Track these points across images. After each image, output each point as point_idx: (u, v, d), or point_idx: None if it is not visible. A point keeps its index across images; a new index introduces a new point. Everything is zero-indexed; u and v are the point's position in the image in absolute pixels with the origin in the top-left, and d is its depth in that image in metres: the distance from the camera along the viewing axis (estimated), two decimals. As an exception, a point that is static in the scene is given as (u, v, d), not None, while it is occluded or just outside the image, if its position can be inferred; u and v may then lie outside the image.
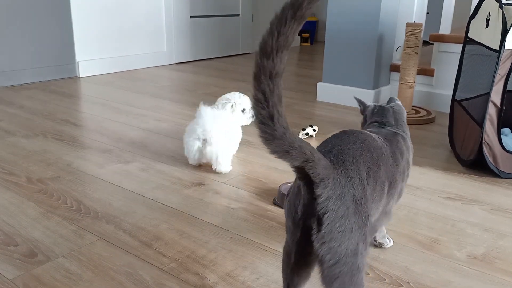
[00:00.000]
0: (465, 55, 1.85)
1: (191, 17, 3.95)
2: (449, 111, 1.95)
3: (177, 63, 3.93)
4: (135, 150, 1.81)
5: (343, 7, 2.50)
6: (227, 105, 1.71)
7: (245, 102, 1.75)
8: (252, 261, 1.09)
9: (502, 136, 1.71)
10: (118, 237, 1.19)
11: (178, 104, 2.56)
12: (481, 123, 1.59)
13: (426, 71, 2.52)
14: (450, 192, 1.50)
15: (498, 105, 1.57)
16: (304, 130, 1.99)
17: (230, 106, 1.72)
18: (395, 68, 2.61)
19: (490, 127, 1.58)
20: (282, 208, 1.36)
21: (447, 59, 2.45)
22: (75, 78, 3.20)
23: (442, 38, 2.43)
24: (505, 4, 1.58)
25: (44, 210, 1.32)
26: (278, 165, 1.69)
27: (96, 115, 2.30)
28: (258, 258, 1.11)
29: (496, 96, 1.56)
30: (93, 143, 1.88)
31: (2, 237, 1.17)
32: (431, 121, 2.29)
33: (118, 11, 3.42)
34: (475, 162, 1.65)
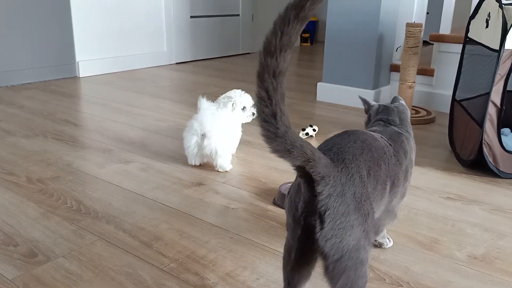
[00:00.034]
0: (465, 55, 1.85)
1: (191, 17, 3.95)
2: (449, 111, 1.95)
3: (177, 63, 3.93)
4: (135, 150, 1.81)
5: (343, 7, 2.50)
6: (228, 103, 1.71)
7: (245, 100, 1.75)
8: (252, 261, 1.09)
9: (502, 136, 1.71)
10: (118, 237, 1.19)
11: (178, 104, 2.56)
12: (481, 123, 1.59)
13: (426, 71, 2.52)
14: (450, 192, 1.50)
15: (498, 105, 1.57)
16: (304, 130, 1.99)
17: (231, 105, 1.72)
18: (395, 68, 2.61)
19: (490, 127, 1.58)
20: (282, 208, 1.36)
21: (447, 59, 2.45)
22: (75, 78, 3.20)
23: (442, 38, 2.43)
24: (505, 4, 1.58)
25: (44, 210, 1.32)
26: (278, 165, 1.69)
27: (96, 115, 2.30)
28: (258, 258, 1.11)
29: (496, 96, 1.56)
30: (93, 143, 1.89)
31: (2, 237, 1.17)
32: (431, 121, 2.29)
33: (118, 11, 3.42)
34: (475, 162, 1.65)
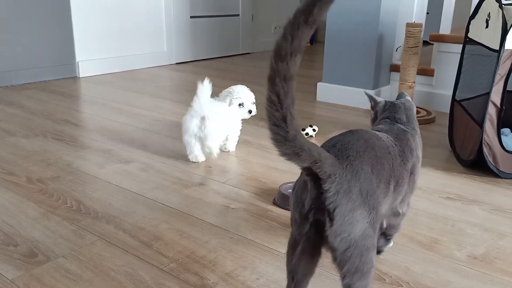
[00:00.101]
0: (465, 55, 1.85)
1: (191, 17, 3.95)
2: (449, 111, 1.95)
3: (177, 63, 3.93)
4: (135, 150, 1.81)
5: (343, 7, 2.50)
6: (227, 98, 1.77)
7: (244, 96, 1.78)
8: (252, 261, 1.09)
9: (502, 136, 1.71)
10: (118, 237, 1.19)
11: (178, 104, 2.56)
12: (481, 123, 1.59)
13: (426, 71, 2.52)
14: (450, 192, 1.50)
15: (498, 105, 1.57)
16: (304, 130, 1.99)
17: (229, 100, 1.76)
18: (395, 68, 2.61)
19: (490, 127, 1.58)
20: (282, 208, 1.36)
21: (447, 59, 2.45)
22: (75, 78, 3.20)
23: (442, 38, 2.43)
24: (505, 4, 1.58)
25: (44, 210, 1.32)
26: (278, 165, 1.69)
27: (96, 115, 2.30)
28: (258, 258, 1.11)
29: (496, 96, 1.56)
30: (93, 143, 1.89)
31: (2, 237, 1.17)
32: (431, 121, 2.29)
33: (118, 11, 3.42)
34: (475, 162, 1.65)
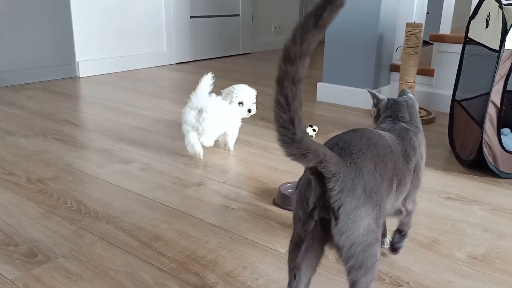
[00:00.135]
0: (465, 55, 1.85)
1: (191, 17, 3.95)
2: (449, 111, 1.95)
3: (177, 63, 3.93)
4: (135, 150, 1.81)
5: (343, 7, 2.49)
6: (228, 96, 1.81)
7: (245, 95, 1.81)
8: (252, 261, 1.09)
9: (502, 136, 1.71)
10: (118, 237, 1.19)
11: (178, 104, 2.56)
12: (481, 123, 1.59)
13: (426, 71, 2.52)
14: (450, 192, 1.50)
15: (498, 105, 1.57)
16: (304, 130, 1.99)
17: (230, 98, 1.80)
18: (395, 68, 2.61)
19: (490, 127, 1.58)
20: (282, 208, 1.36)
21: (447, 59, 2.45)
22: (75, 78, 3.20)
23: (442, 38, 2.43)
24: (505, 4, 1.58)
25: (44, 210, 1.32)
26: (278, 165, 1.69)
27: (96, 115, 2.30)
28: (258, 258, 1.11)
29: (496, 96, 1.56)
30: (93, 143, 1.89)
31: (2, 237, 1.17)
32: (431, 121, 2.29)
33: (118, 11, 3.42)
34: (475, 162, 1.65)
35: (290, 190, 1.41)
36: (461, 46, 2.03)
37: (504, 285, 1.02)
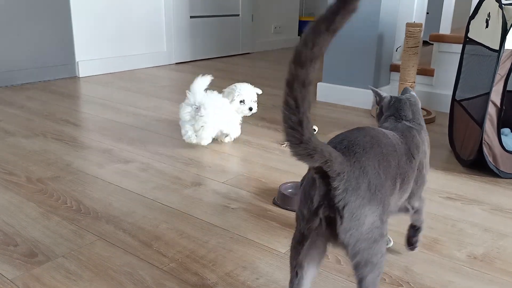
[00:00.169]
0: (465, 55, 1.85)
1: (191, 17, 3.95)
2: (449, 111, 1.95)
3: (176, 63, 3.93)
4: (135, 150, 1.81)
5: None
6: (230, 94, 1.84)
7: (247, 94, 1.83)
8: (252, 261, 1.09)
9: (502, 136, 1.71)
10: (118, 237, 1.19)
11: (177, 104, 2.54)
12: (481, 123, 1.59)
13: (426, 71, 2.52)
14: (450, 192, 1.50)
15: (498, 105, 1.57)
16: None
17: (231, 96, 1.83)
18: (395, 68, 2.61)
19: (490, 127, 1.58)
20: (282, 208, 1.36)
21: (447, 59, 2.45)
22: (75, 78, 3.20)
23: (442, 38, 2.43)
24: (505, 4, 1.58)
25: (44, 210, 1.32)
26: (278, 165, 1.69)
27: (96, 115, 2.30)
28: (258, 258, 1.11)
29: (496, 96, 1.56)
30: (93, 143, 1.89)
31: (2, 237, 1.17)
32: (431, 121, 2.29)
33: (118, 11, 3.42)
34: (475, 162, 1.65)
35: (290, 190, 1.41)
36: (461, 46, 2.03)
37: (504, 285, 1.02)
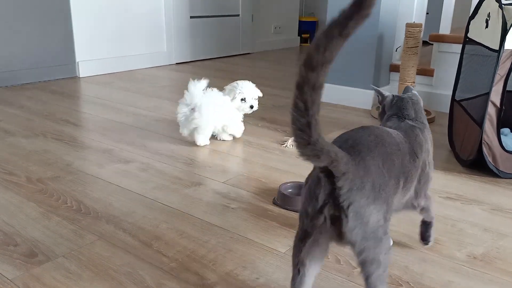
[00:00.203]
0: (464, 55, 1.85)
1: (191, 17, 3.95)
2: (448, 111, 1.95)
3: (176, 64, 3.93)
4: (135, 150, 1.81)
5: (343, 7, 2.50)
6: (231, 92, 1.86)
7: (248, 92, 1.85)
8: (252, 261, 1.09)
9: (502, 136, 1.71)
10: (118, 237, 1.19)
11: (177, 104, 2.56)
12: (480, 123, 1.59)
13: (426, 71, 2.52)
14: (450, 192, 1.50)
15: (498, 105, 1.57)
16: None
17: (233, 94, 1.85)
18: (395, 68, 2.61)
19: (489, 127, 1.58)
20: (282, 208, 1.36)
21: (447, 59, 2.45)
22: (75, 78, 3.20)
23: (442, 38, 2.43)
24: (505, 4, 1.58)
25: (44, 210, 1.32)
26: (278, 165, 1.69)
27: (96, 115, 2.30)
28: (258, 258, 1.11)
29: (495, 96, 1.56)
30: (93, 143, 1.89)
31: (2, 237, 1.17)
32: (431, 121, 2.29)
33: (118, 11, 3.42)
34: (475, 162, 1.65)
35: (290, 190, 1.41)
36: (461, 46, 2.03)
37: (504, 285, 1.03)
